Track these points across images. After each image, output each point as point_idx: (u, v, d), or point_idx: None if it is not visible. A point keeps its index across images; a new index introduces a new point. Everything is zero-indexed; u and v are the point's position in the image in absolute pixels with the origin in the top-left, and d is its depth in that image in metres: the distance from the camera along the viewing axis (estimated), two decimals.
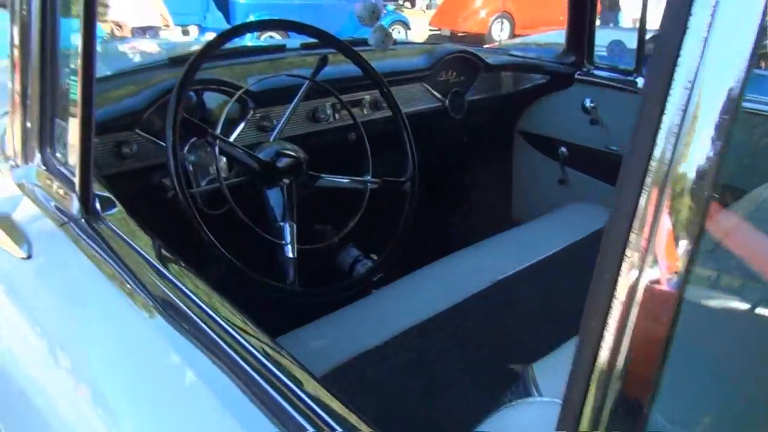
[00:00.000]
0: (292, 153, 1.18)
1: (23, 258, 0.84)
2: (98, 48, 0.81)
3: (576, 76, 1.92)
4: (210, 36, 1.88)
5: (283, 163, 1.17)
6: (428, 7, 11.94)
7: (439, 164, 1.88)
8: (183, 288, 0.65)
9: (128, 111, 1.22)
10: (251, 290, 1.10)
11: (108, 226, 0.81)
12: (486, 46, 2.31)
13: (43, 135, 0.97)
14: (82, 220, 0.84)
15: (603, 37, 1.96)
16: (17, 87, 0.97)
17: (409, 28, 9.03)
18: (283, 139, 1.42)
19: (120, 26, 4.70)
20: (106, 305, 0.73)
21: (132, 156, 1.21)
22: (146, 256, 0.73)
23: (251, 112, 1.42)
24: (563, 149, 1.93)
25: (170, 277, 0.68)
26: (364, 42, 1.44)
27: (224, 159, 1.15)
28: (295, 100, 1.37)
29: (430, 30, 9.39)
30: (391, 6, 9.85)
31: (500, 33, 8.74)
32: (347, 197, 1.29)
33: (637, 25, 1.76)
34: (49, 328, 0.76)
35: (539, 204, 2.00)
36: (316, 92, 1.47)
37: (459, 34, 8.95)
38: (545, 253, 1.34)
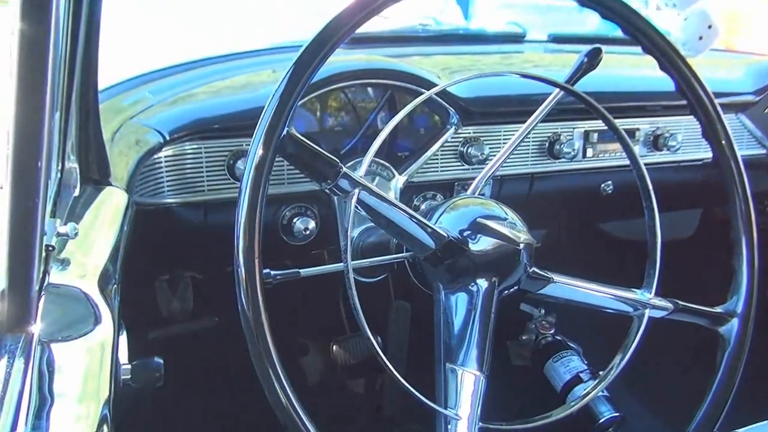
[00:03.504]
0: (508, 231, 0.73)
1: None
2: None
3: None
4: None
5: (483, 246, 0.73)
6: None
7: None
8: None
9: (244, 109, 0.99)
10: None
11: None
12: None
13: None
14: None
15: None
16: None
17: None
18: (498, 179, 1.14)
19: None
20: None
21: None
22: None
23: (453, 130, 1.10)
24: None
25: None
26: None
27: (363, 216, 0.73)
28: (536, 115, 0.93)
29: None
30: None
31: None
32: None
33: None
34: None
35: None
36: (557, 111, 1.06)
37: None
38: None
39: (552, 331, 1.55)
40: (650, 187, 0.78)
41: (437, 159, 1.11)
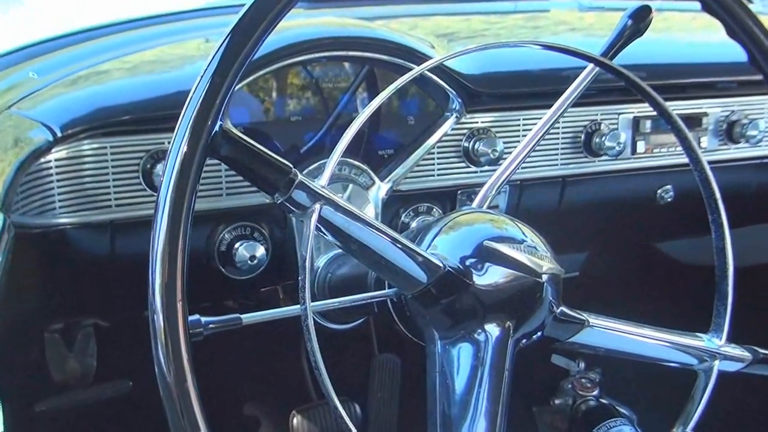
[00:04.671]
0: (525, 257, 0.76)
1: None
2: None
3: None
4: None
5: (493, 279, 0.75)
6: None
7: None
8: None
9: (166, 94, 1.00)
10: None
11: None
12: None
13: None
14: None
15: None
16: None
17: None
18: (517, 185, 1.18)
19: None
20: None
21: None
22: None
23: (454, 119, 1.14)
24: None
25: None
26: None
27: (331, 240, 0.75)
28: (567, 97, 0.96)
29: None
30: None
31: None
32: None
33: None
34: None
35: None
36: (596, 91, 1.15)
37: None
38: None
39: (595, 393, 1.56)
40: (717, 194, 0.80)
41: (433, 159, 1.13)
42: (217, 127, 0.63)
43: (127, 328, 1.22)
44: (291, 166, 0.67)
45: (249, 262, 1.03)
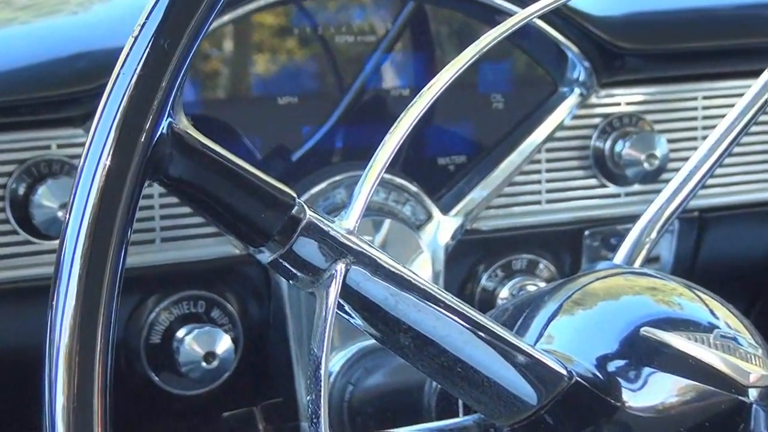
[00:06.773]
0: (718, 359, 0.78)
1: None
2: None
3: None
4: None
5: (660, 397, 0.77)
6: None
7: None
8: None
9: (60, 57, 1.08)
10: None
11: None
12: None
13: None
14: None
15: None
16: None
17: None
18: (695, 217, 1.27)
19: None
20: None
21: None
22: None
23: (576, 98, 1.19)
24: None
25: None
26: None
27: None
28: None
29: None
30: None
31: None
32: None
33: None
34: None
35: None
36: None
37: None
38: None
39: None
40: None
41: (539, 172, 1.15)
42: (164, 127, 0.60)
43: None
44: (294, 194, 0.64)
45: (203, 364, 1.05)
